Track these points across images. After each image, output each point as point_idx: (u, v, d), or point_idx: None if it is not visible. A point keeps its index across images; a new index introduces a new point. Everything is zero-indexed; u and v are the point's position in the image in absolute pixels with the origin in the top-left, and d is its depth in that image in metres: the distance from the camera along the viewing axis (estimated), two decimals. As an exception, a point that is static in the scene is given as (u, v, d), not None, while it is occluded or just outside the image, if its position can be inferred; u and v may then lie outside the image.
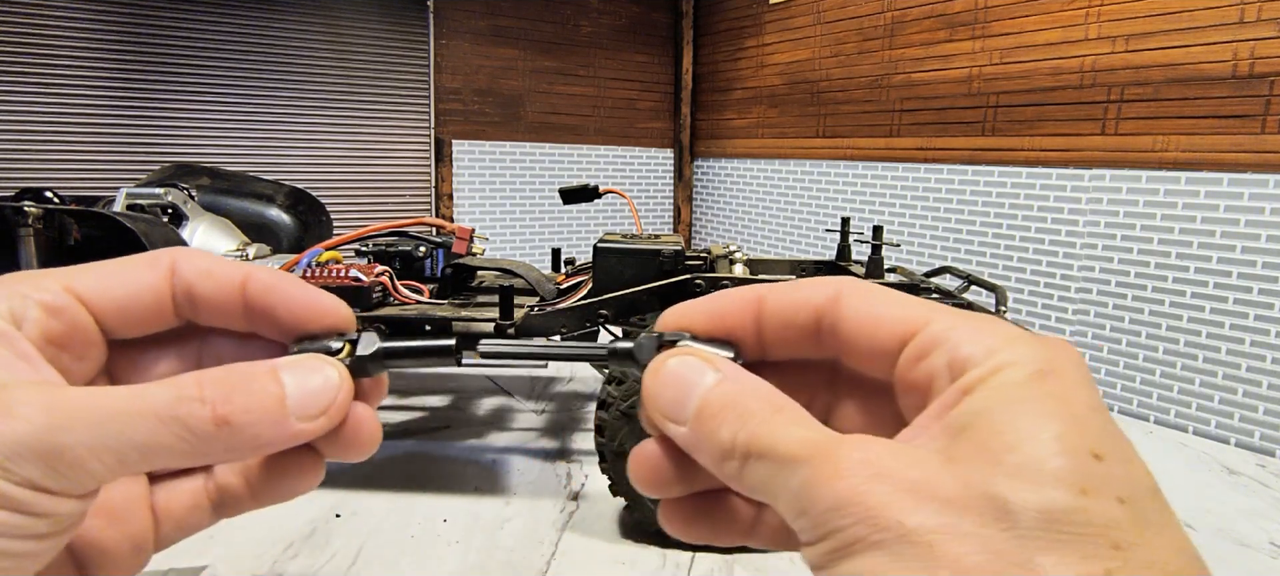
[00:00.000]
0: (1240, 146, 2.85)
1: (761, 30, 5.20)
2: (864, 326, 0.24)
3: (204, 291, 0.26)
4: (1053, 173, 3.49)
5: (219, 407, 0.22)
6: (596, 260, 2.28)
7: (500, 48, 5.17)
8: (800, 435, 0.21)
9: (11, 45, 3.78)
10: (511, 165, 5.31)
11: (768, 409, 0.22)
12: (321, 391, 0.24)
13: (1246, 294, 2.87)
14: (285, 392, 0.23)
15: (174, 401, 0.22)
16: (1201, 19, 2.93)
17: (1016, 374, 0.20)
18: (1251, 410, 2.88)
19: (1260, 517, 2.35)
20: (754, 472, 0.21)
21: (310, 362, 0.25)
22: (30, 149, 3.88)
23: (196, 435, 0.22)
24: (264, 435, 0.23)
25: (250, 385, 0.23)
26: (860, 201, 4.51)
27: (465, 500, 2.28)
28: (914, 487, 0.18)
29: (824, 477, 0.20)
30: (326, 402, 0.24)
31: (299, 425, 0.24)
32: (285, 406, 0.23)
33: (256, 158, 4.45)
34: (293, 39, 4.48)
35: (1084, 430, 0.19)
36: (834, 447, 0.20)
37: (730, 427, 0.22)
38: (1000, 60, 3.67)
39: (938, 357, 0.22)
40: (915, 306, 0.23)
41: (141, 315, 0.26)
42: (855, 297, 0.24)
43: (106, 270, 0.26)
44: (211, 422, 0.22)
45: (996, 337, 0.21)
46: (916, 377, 0.22)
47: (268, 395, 0.23)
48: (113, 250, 2.24)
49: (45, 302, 0.24)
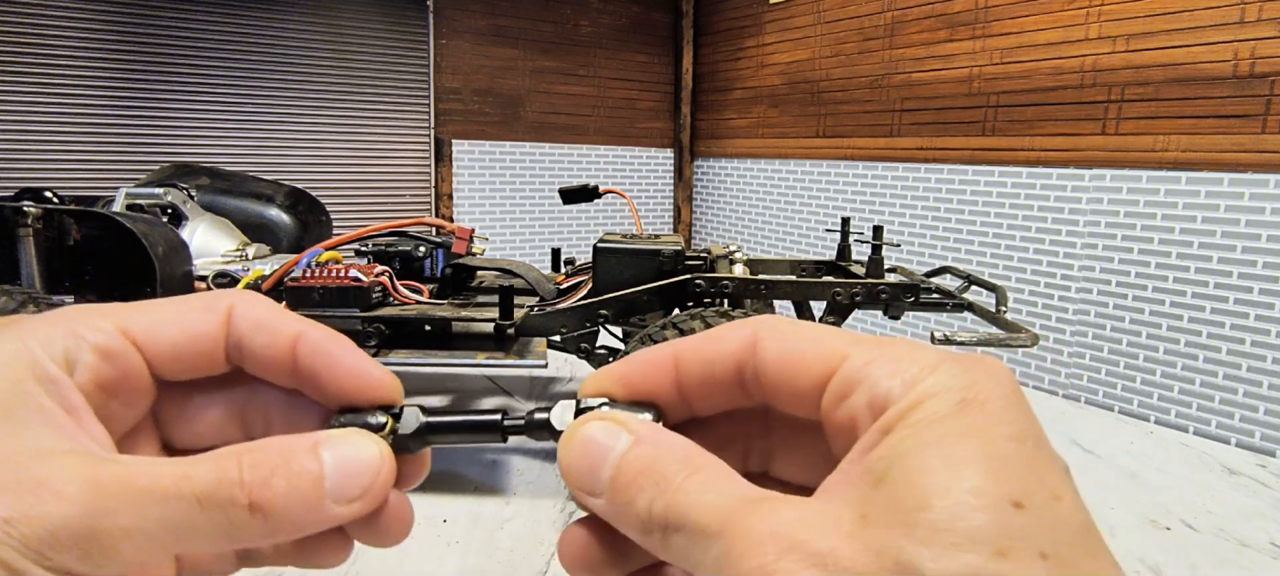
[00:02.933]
0: (1241, 146, 2.85)
1: (761, 30, 5.20)
2: (784, 370, 0.23)
3: (255, 344, 0.26)
4: (1053, 172, 3.49)
5: (255, 493, 0.21)
6: (596, 260, 2.28)
7: (500, 47, 5.17)
8: (713, 502, 0.20)
9: (11, 45, 3.78)
10: (511, 165, 5.31)
11: (684, 471, 0.21)
12: (362, 473, 0.23)
13: (1247, 294, 2.87)
14: (324, 473, 0.23)
15: (215, 486, 0.21)
16: (1202, 19, 2.93)
17: (937, 406, 0.19)
18: (1252, 410, 2.88)
19: (1260, 517, 2.35)
20: (675, 544, 0.21)
21: (353, 440, 0.24)
22: (30, 149, 3.88)
23: (232, 522, 0.21)
24: (299, 520, 0.22)
25: (289, 465, 0.22)
26: (860, 201, 4.50)
27: (465, 500, 2.28)
28: (823, 558, 0.18)
29: (736, 553, 0.19)
30: (366, 485, 0.23)
31: (335, 509, 0.23)
32: (322, 489, 0.22)
33: (256, 158, 4.45)
34: (293, 39, 4.48)
35: (1004, 473, 0.18)
36: (744, 518, 0.19)
37: (646, 496, 0.21)
38: (1000, 60, 3.67)
39: (859, 396, 0.21)
40: (832, 341, 0.23)
41: (194, 360, 0.25)
42: (772, 340, 0.24)
43: (162, 312, 0.25)
44: (247, 509, 0.21)
45: (917, 367, 0.20)
46: (840, 419, 0.22)
47: (305, 476, 0.22)
48: (112, 250, 2.24)
49: (100, 346, 0.23)
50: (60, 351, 0.23)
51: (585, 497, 0.23)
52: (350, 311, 2.14)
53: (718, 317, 1.98)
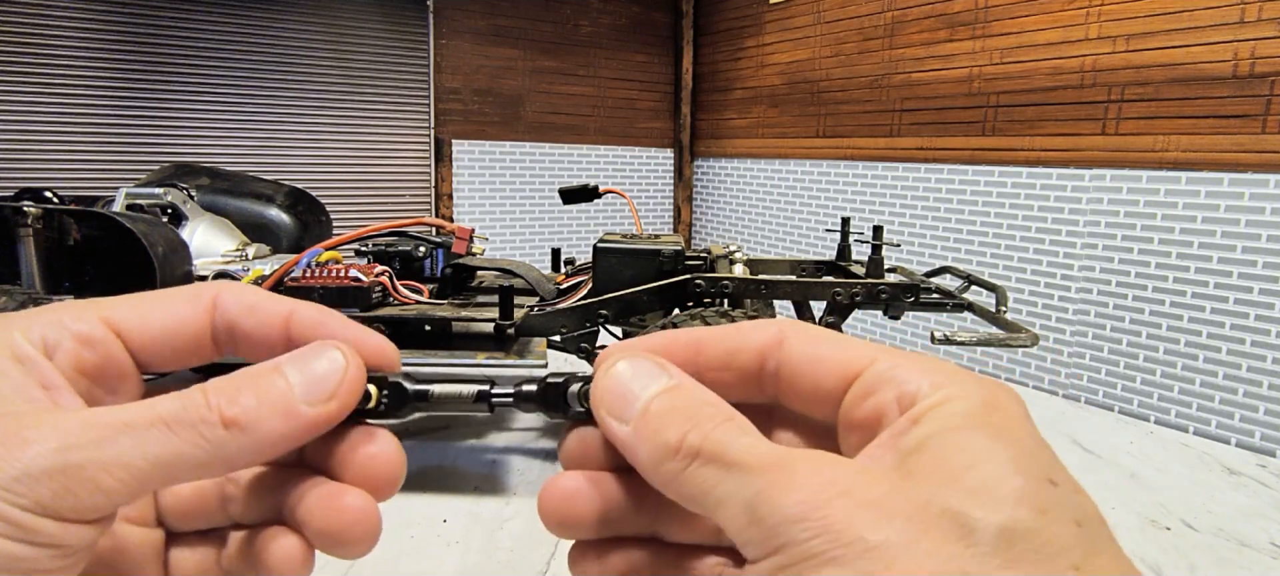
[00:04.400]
0: (1241, 146, 2.85)
1: (761, 30, 5.20)
2: (807, 368, 0.24)
3: (247, 327, 0.26)
4: (1053, 172, 3.49)
5: (226, 409, 0.22)
6: (596, 260, 2.28)
7: (500, 48, 5.17)
8: (753, 444, 0.21)
9: (12, 45, 3.78)
10: (511, 165, 5.31)
11: (720, 416, 0.22)
12: (328, 374, 0.24)
13: (1247, 294, 2.87)
14: (291, 382, 0.23)
15: (181, 409, 0.22)
16: (1202, 19, 2.93)
17: (964, 404, 0.21)
18: (1252, 410, 2.88)
19: (1260, 517, 2.35)
20: (699, 476, 0.21)
21: (313, 349, 0.24)
22: (30, 149, 3.88)
23: (209, 440, 0.22)
24: (277, 428, 0.23)
25: (256, 383, 0.23)
26: (860, 201, 4.50)
27: (465, 500, 2.28)
28: (875, 503, 0.19)
29: (781, 489, 0.19)
30: (335, 384, 0.24)
31: (310, 410, 0.23)
32: (292, 395, 0.23)
33: (256, 158, 4.45)
34: (293, 39, 4.48)
35: (1036, 457, 0.20)
36: (791, 460, 0.20)
37: (679, 427, 0.22)
38: (1000, 60, 3.67)
39: (886, 393, 0.22)
40: (858, 347, 0.24)
41: (179, 350, 0.26)
42: (799, 339, 0.25)
43: (146, 303, 0.25)
44: (221, 425, 0.22)
45: (942, 374, 0.22)
46: (863, 415, 0.23)
47: (273, 388, 0.23)
48: (112, 250, 2.24)
49: (80, 333, 0.24)
50: (39, 337, 0.23)
51: (610, 422, 0.24)
52: (350, 311, 2.14)
53: (718, 318, 1.98)
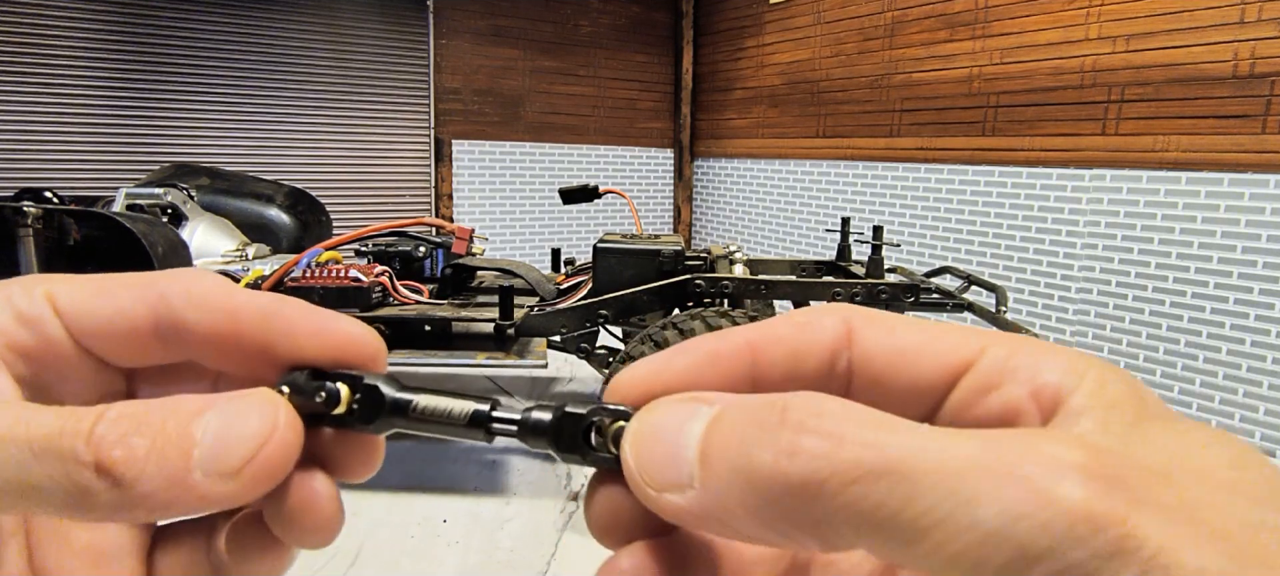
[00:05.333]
0: (1241, 146, 2.85)
1: (761, 30, 5.20)
2: (892, 364, 0.20)
3: (190, 321, 0.21)
4: (1053, 172, 3.49)
5: (104, 451, 0.17)
6: (596, 260, 2.28)
7: (500, 48, 5.17)
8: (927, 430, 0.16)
9: (12, 45, 3.78)
10: (511, 165, 5.31)
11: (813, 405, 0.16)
12: (242, 441, 0.19)
13: (1247, 294, 2.87)
14: (195, 438, 0.18)
15: (56, 434, 0.17)
16: (1202, 19, 2.93)
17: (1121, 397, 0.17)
18: (1252, 410, 2.88)
19: (1260, 518, 2.35)
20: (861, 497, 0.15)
21: (248, 400, 0.19)
22: (30, 149, 3.88)
23: (75, 483, 0.17)
24: (157, 492, 0.18)
25: (160, 424, 0.18)
26: (860, 201, 4.50)
27: (465, 500, 2.28)
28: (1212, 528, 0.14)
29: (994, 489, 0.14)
30: (245, 456, 0.19)
31: (204, 484, 0.18)
32: (190, 457, 0.18)
33: (256, 158, 4.45)
34: (293, 39, 4.48)
35: (1248, 457, 0.16)
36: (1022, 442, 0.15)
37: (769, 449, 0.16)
38: (1000, 60, 3.67)
39: (1013, 388, 0.18)
40: (956, 333, 0.20)
41: (123, 343, 0.21)
42: (874, 330, 0.20)
43: (94, 286, 0.22)
44: (92, 470, 0.17)
45: (1072, 358, 0.18)
46: (982, 416, 0.19)
47: (175, 437, 0.18)
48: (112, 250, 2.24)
49: (19, 310, 0.21)
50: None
51: (668, 499, 0.18)
52: (350, 311, 2.14)
53: (718, 318, 1.98)
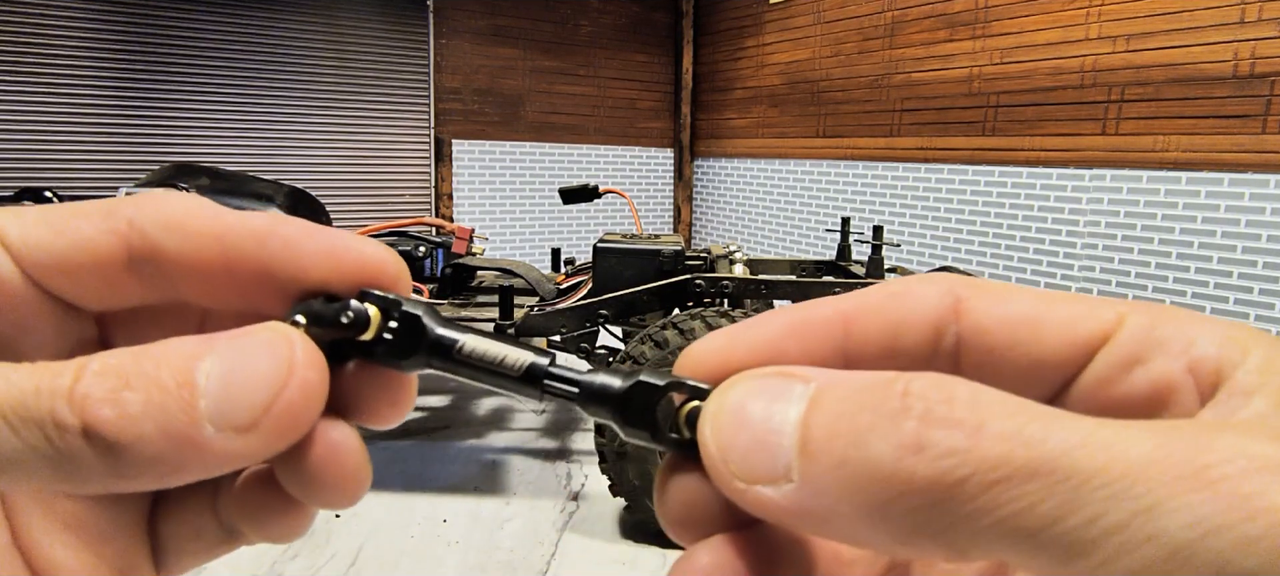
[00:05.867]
0: (1241, 146, 2.85)
1: (761, 30, 5.20)
2: (1013, 336, 0.17)
3: (172, 249, 0.18)
4: (1053, 172, 3.49)
5: (92, 411, 0.15)
6: (596, 260, 2.28)
7: (500, 48, 5.17)
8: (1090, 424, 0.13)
9: (12, 45, 3.78)
10: (511, 165, 5.31)
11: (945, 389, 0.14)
12: (255, 387, 0.16)
13: (1247, 294, 2.87)
14: (199, 387, 0.15)
15: (32, 394, 0.15)
16: (1202, 19, 2.93)
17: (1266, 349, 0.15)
18: (1252, 410, 2.88)
19: (1261, 518, 2.35)
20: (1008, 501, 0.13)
21: (255, 337, 0.16)
22: (30, 149, 3.88)
23: (60, 452, 0.15)
24: (159, 454, 0.15)
25: (157, 374, 0.15)
26: (860, 201, 4.50)
27: (465, 500, 2.28)
28: None
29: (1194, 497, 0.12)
30: (261, 402, 0.16)
31: (215, 441, 0.15)
32: (196, 410, 0.15)
33: (256, 158, 4.45)
34: (293, 39, 4.48)
35: None
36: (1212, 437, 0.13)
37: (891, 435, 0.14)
38: (1001, 60, 3.67)
39: (1165, 361, 0.16)
40: (1082, 301, 0.17)
41: (91, 280, 0.18)
42: (985, 299, 0.18)
43: (47, 216, 0.18)
44: (80, 436, 0.14)
45: (1230, 329, 0.16)
46: (1129, 394, 0.16)
47: (174, 387, 0.15)
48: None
49: None
50: None
51: (759, 492, 0.15)
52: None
53: (718, 318, 1.98)
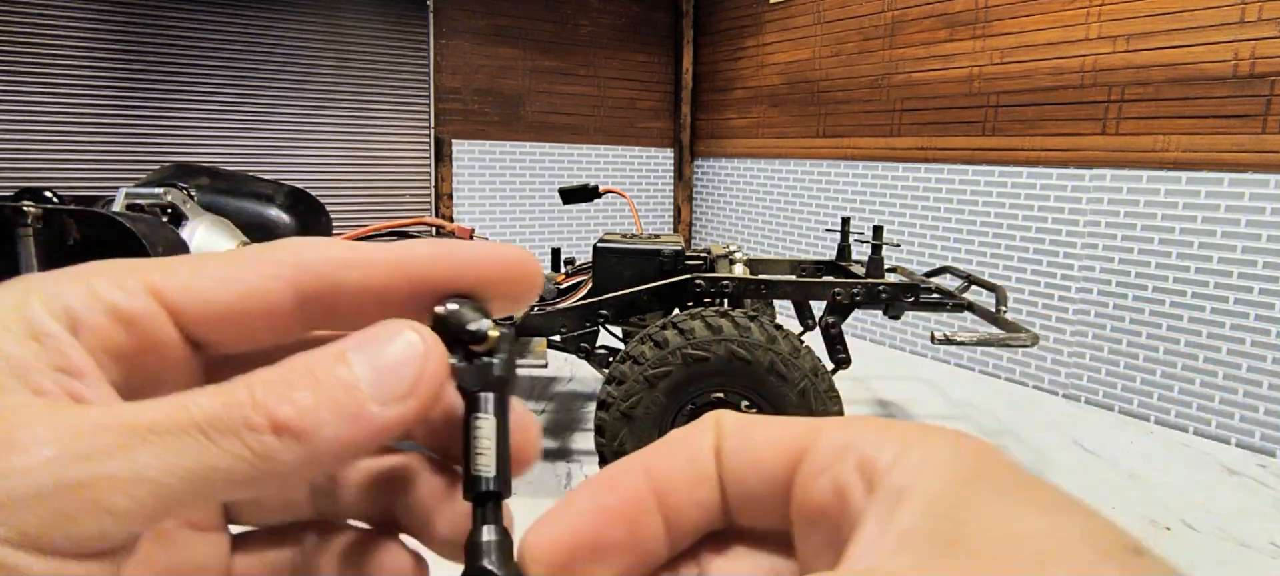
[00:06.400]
0: (1241, 146, 2.85)
1: (761, 30, 5.20)
2: (749, 461, 0.20)
3: (350, 283, 0.21)
4: (1053, 172, 3.49)
5: (276, 409, 0.17)
6: (596, 260, 2.28)
7: (500, 47, 5.17)
8: None
9: (12, 45, 3.78)
10: (511, 165, 5.31)
11: None
12: (403, 363, 0.19)
13: (1247, 294, 2.87)
14: (356, 375, 0.18)
15: (222, 410, 0.17)
16: (1202, 19, 2.93)
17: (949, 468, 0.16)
18: (1252, 410, 2.88)
19: (1260, 517, 2.35)
20: None
21: (384, 331, 0.19)
22: (30, 149, 3.88)
23: (255, 451, 0.17)
24: (341, 435, 0.18)
25: (314, 374, 0.18)
26: (860, 201, 4.50)
27: (465, 500, 2.27)
28: None
29: None
30: (414, 376, 0.19)
31: (381, 411, 0.18)
32: (360, 391, 0.18)
33: (256, 158, 4.45)
34: (293, 39, 4.48)
35: (1091, 522, 0.15)
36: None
37: None
38: (1001, 60, 3.67)
39: (841, 465, 0.18)
40: (801, 424, 0.20)
41: (252, 327, 0.21)
42: (733, 437, 0.20)
43: (205, 268, 0.20)
44: (270, 430, 0.17)
45: (907, 432, 0.18)
46: (818, 498, 0.18)
47: (336, 382, 0.18)
48: (113, 250, 2.24)
49: (116, 306, 0.19)
50: (63, 307, 0.19)
51: None
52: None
53: (718, 317, 1.98)
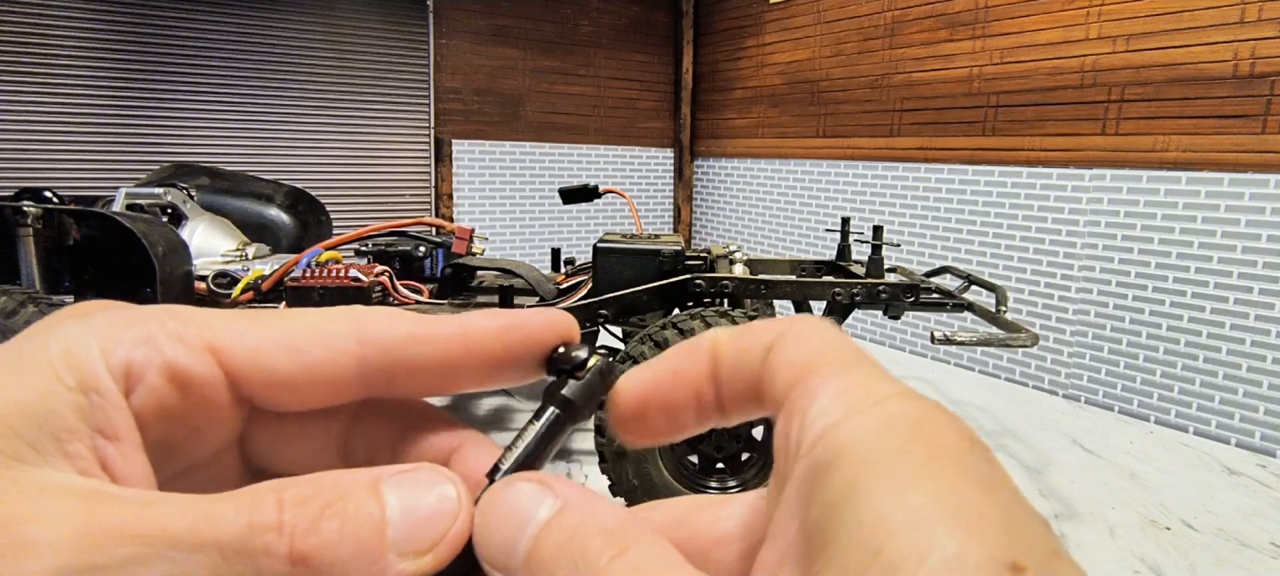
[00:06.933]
0: (1241, 146, 2.85)
1: (761, 30, 5.20)
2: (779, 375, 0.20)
3: (419, 359, 0.21)
4: (1053, 172, 3.49)
5: (299, 541, 0.17)
6: (596, 260, 2.28)
7: (500, 47, 5.17)
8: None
9: (12, 45, 3.78)
10: (511, 165, 5.31)
11: (610, 550, 0.17)
12: (435, 517, 0.18)
13: (1247, 294, 2.87)
14: (386, 517, 0.18)
15: (245, 532, 0.16)
16: (1201, 19, 2.93)
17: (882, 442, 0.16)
18: (1252, 410, 2.88)
19: (1260, 517, 2.35)
20: None
21: (422, 476, 0.19)
22: (30, 149, 3.88)
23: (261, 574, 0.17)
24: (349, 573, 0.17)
25: (344, 506, 0.17)
26: (860, 201, 4.50)
27: (465, 500, 2.28)
28: None
29: None
30: (439, 533, 0.18)
31: (397, 565, 0.18)
32: (385, 537, 0.18)
33: (256, 158, 4.45)
34: (293, 39, 4.48)
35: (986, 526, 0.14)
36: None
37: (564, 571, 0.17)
38: (1000, 60, 3.67)
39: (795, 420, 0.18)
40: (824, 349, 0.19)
41: (312, 396, 0.21)
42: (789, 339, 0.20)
43: (274, 336, 0.20)
44: (287, 561, 0.17)
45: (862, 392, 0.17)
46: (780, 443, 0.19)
47: (363, 522, 0.17)
48: (113, 250, 2.24)
49: (176, 366, 0.19)
50: (122, 360, 0.18)
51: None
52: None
53: (718, 317, 1.98)
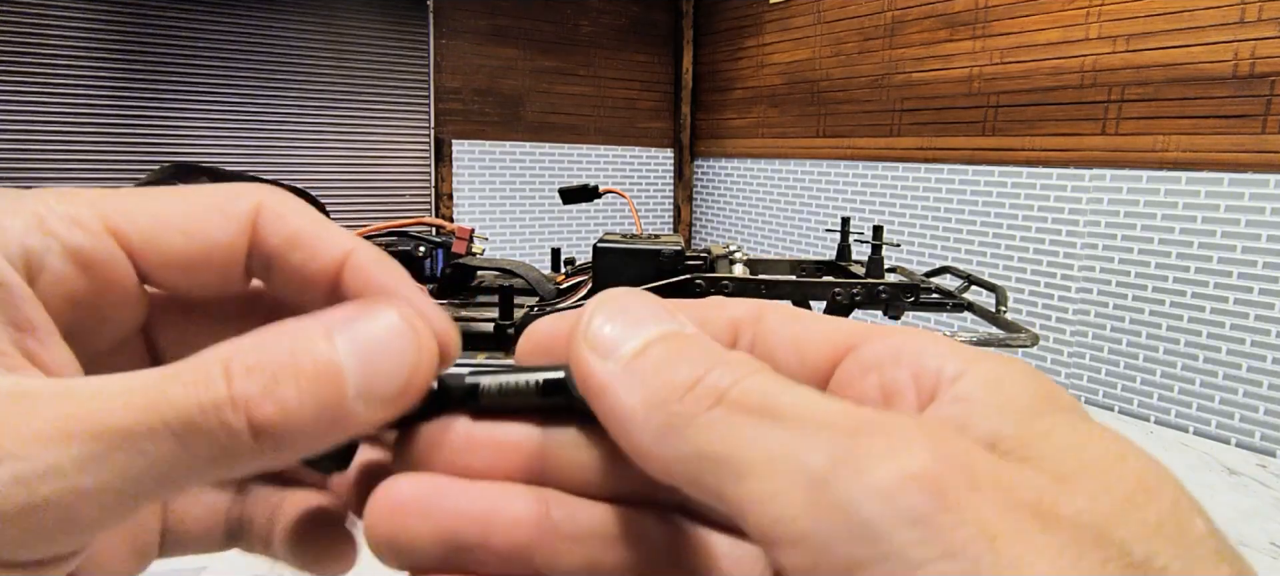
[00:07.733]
0: (1241, 146, 2.85)
1: (761, 30, 5.20)
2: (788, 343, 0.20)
3: (289, 264, 0.20)
4: (1053, 172, 3.49)
5: (256, 410, 0.15)
6: (596, 260, 2.27)
7: (500, 47, 5.17)
8: (815, 398, 0.15)
9: (12, 45, 3.78)
10: (511, 165, 5.31)
11: (754, 365, 0.16)
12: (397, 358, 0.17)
13: (1247, 294, 2.87)
14: (342, 368, 0.16)
15: (198, 411, 0.15)
16: (1202, 19, 2.93)
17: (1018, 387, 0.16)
18: (1252, 410, 2.88)
19: (1260, 517, 2.35)
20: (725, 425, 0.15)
21: (369, 312, 0.17)
22: (31, 149, 3.88)
23: (229, 454, 0.15)
24: (321, 437, 0.16)
25: (298, 363, 0.16)
26: (860, 201, 4.50)
27: (465, 500, 2.27)
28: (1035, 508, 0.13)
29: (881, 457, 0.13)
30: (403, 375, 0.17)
31: (363, 414, 0.17)
32: (344, 388, 0.16)
33: (256, 158, 4.45)
34: (293, 39, 4.48)
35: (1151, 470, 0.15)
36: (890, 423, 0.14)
37: (691, 367, 0.16)
38: (1000, 60, 3.67)
39: (895, 370, 0.17)
40: (850, 322, 0.20)
41: (203, 276, 0.19)
42: (779, 316, 0.20)
43: (163, 208, 0.19)
44: (248, 433, 0.15)
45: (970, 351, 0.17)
46: (860, 393, 0.18)
47: (320, 379, 0.16)
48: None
49: (77, 249, 0.17)
50: (19, 250, 0.17)
51: (585, 353, 0.17)
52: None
53: (717, 318, 1.98)
